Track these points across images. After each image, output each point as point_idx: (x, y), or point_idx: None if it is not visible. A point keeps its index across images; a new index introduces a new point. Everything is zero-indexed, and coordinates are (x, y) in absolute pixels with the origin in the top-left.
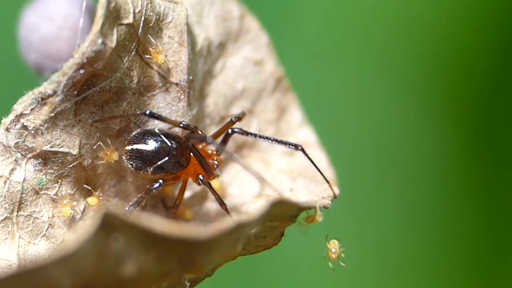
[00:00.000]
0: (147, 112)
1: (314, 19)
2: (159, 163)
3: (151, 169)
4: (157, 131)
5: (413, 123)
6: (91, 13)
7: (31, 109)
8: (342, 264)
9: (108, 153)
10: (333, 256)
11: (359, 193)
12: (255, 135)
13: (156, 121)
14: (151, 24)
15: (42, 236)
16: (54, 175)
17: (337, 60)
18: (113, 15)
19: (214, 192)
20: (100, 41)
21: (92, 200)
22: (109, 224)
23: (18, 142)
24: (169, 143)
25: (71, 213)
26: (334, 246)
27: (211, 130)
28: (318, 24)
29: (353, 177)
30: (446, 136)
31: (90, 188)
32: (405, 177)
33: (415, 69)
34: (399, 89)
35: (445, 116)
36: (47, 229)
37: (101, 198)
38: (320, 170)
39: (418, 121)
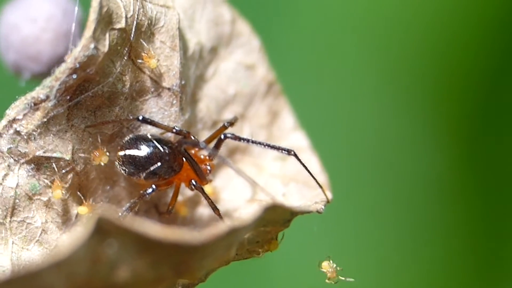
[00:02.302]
0: (140, 117)
1: (307, 22)
2: (151, 168)
3: (144, 174)
4: (150, 137)
5: (407, 128)
6: (77, 18)
7: (24, 114)
8: (342, 278)
9: (97, 155)
10: (333, 275)
11: (353, 197)
12: (248, 140)
13: (149, 126)
14: (143, 29)
15: (36, 242)
16: (47, 180)
17: (330, 64)
18: (105, 20)
19: (207, 197)
20: (92, 45)
21: (82, 209)
22: (103, 229)
23: (11, 147)
24: (161, 149)
25: (62, 194)
26: (328, 267)
27: (204, 135)
28: (312, 28)
29: (347, 182)
30: (441, 145)
31: (81, 196)
32: (398, 183)
33: (410, 76)
34: (392, 95)
35: (440, 124)
36: (40, 234)
37: (92, 206)
38: (313, 174)
39: (412, 126)
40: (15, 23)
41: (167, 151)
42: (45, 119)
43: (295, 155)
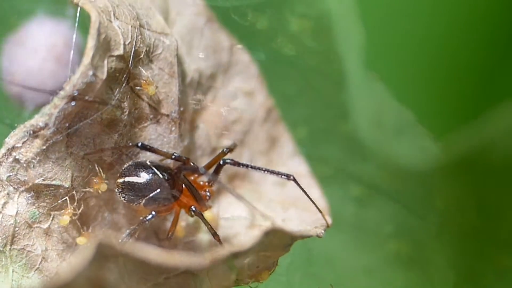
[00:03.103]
0: (139, 144)
1: (304, 48)
2: (151, 195)
3: (143, 201)
4: (149, 163)
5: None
6: (76, 45)
7: (23, 142)
8: None
9: (96, 183)
10: None
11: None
12: (247, 166)
13: (148, 153)
14: (141, 56)
15: (36, 270)
16: (46, 208)
17: (327, 89)
18: (104, 47)
19: (206, 223)
20: (90, 73)
21: (81, 240)
22: (103, 254)
23: (10, 175)
24: (160, 175)
25: (69, 221)
26: None
27: (203, 161)
28: (310, 53)
29: (346, 205)
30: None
31: (80, 224)
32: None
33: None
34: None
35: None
36: (40, 262)
37: (91, 235)
38: (312, 199)
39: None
40: (18, 54)
41: (166, 178)
42: (44, 147)
43: (295, 180)
